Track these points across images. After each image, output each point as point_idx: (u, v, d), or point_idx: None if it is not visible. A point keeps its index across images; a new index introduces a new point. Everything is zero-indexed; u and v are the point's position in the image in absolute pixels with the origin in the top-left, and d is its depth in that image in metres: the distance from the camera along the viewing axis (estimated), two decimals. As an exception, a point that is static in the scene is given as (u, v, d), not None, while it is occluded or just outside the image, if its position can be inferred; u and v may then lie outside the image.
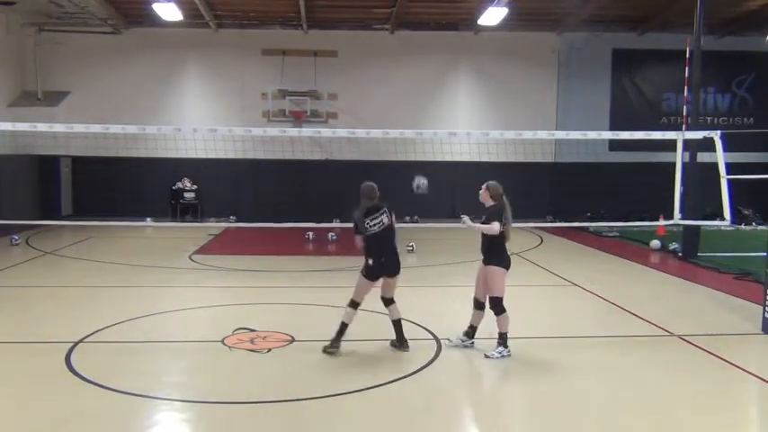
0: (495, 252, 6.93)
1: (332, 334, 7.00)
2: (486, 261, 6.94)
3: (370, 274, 6.91)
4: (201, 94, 21.18)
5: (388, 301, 7.09)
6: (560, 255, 14.74)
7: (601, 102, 21.85)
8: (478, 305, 7.18)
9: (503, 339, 6.91)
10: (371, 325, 7.78)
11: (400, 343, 7.08)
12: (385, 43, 21.23)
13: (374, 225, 6.87)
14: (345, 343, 7.16)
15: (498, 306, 6.90)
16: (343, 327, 6.93)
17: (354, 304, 6.97)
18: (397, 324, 7.08)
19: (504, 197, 7.02)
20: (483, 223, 6.92)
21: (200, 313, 9.05)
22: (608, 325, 8.67)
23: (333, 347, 6.91)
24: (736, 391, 6.26)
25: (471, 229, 7.00)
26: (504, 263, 6.95)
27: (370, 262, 6.85)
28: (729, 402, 5.93)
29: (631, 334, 8.10)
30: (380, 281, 7.03)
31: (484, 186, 7.11)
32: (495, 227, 6.77)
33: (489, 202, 7.05)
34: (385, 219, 6.92)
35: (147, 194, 20.12)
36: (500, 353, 6.85)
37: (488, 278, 6.92)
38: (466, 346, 7.18)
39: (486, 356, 6.85)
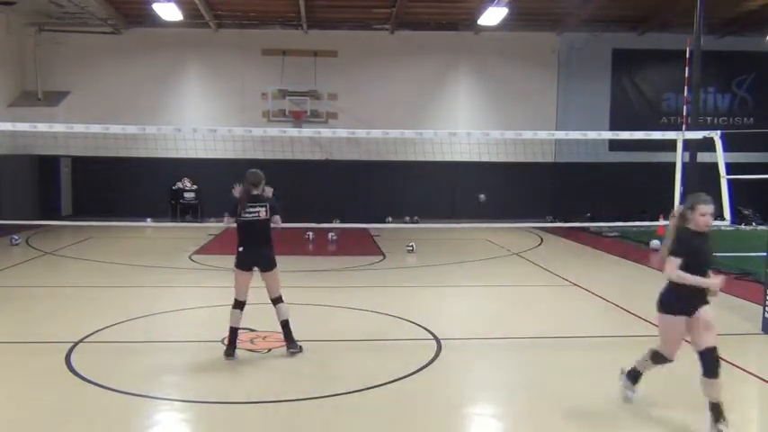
0: None
1: (331, 334, 7.00)
2: (703, 301, 5.10)
3: (240, 262, 6.74)
4: (201, 94, 21.19)
5: (275, 301, 6.85)
6: (560, 255, 14.74)
7: (601, 102, 21.85)
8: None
9: (719, 411, 4.98)
10: (371, 325, 7.79)
11: (290, 345, 6.79)
12: (385, 43, 21.23)
13: (248, 213, 6.70)
14: (346, 343, 7.17)
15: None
16: (233, 331, 6.71)
17: (238, 304, 6.74)
18: (284, 325, 6.82)
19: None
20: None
21: (201, 313, 9.05)
22: (608, 325, 8.67)
23: (228, 353, 6.67)
24: (737, 391, 6.25)
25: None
26: None
27: (240, 249, 6.73)
28: (729, 402, 5.92)
29: (631, 334, 8.09)
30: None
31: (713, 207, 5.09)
32: None
33: None
34: (262, 213, 6.72)
35: (147, 194, 20.11)
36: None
37: (711, 320, 5.04)
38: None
39: None
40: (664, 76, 21.49)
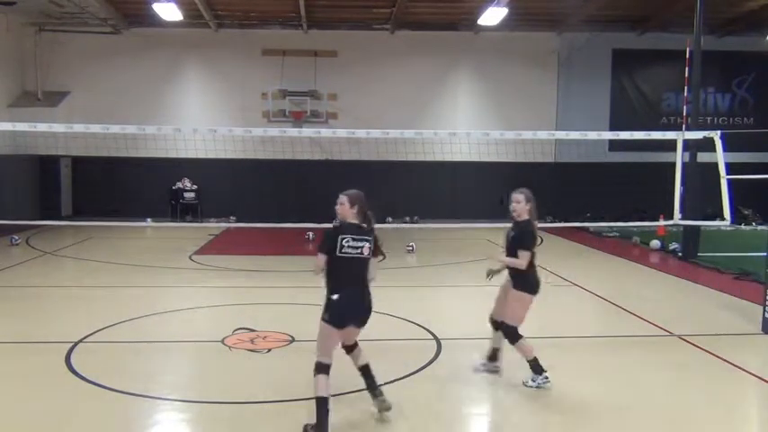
0: None
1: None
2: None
3: (336, 316, 5.14)
4: (201, 94, 21.17)
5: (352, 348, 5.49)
6: (560, 255, 14.73)
7: (601, 102, 21.84)
8: None
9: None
10: (371, 325, 7.77)
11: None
12: (385, 43, 21.21)
13: (351, 249, 5.14)
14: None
15: None
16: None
17: (325, 368, 5.13)
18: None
19: None
20: None
21: (200, 313, 9.05)
22: (608, 325, 8.68)
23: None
24: (737, 391, 6.26)
25: None
26: None
27: (334, 297, 5.09)
28: (729, 402, 5.93)
29: (631, 334, 8.10)
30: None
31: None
32: None
33: None
34: (365, 249, 5.22)
35: (147, 194, 20.10)
36: None
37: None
38: None
39: None
40: (664, 76, 21.47)
